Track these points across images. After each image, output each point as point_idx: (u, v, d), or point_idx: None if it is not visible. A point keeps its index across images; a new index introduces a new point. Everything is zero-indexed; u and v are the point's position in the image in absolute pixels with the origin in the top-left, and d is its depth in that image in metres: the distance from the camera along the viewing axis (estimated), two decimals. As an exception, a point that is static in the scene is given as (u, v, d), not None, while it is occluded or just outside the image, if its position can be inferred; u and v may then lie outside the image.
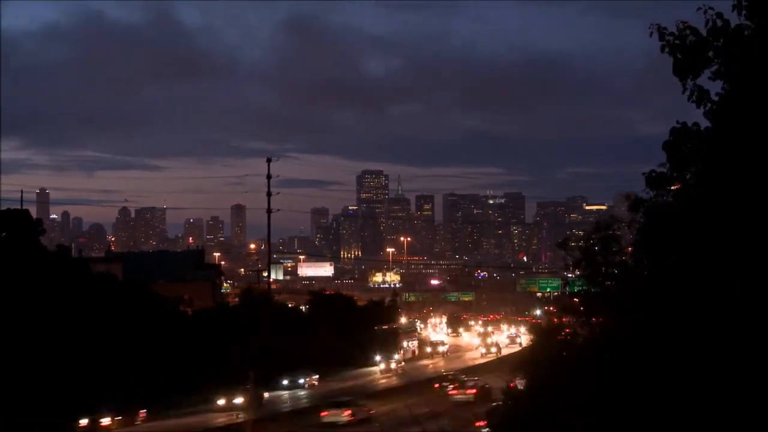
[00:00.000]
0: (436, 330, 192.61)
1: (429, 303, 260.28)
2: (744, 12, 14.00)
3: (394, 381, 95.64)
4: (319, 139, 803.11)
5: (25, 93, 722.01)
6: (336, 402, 68.36)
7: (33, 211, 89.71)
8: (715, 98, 14.55)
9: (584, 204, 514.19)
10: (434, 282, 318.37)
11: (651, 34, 14.40)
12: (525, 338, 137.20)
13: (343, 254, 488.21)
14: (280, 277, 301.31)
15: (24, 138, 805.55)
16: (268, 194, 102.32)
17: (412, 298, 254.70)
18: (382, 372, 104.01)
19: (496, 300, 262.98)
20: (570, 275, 33.41)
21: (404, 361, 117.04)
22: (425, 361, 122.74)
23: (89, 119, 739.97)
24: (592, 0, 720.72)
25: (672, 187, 16.79)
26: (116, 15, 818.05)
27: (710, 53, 14.22)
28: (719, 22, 14.00)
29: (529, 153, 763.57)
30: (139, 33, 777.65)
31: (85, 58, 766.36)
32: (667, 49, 14.42)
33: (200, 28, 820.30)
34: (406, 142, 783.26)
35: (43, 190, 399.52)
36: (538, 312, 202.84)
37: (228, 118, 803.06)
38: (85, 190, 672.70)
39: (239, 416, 65.45)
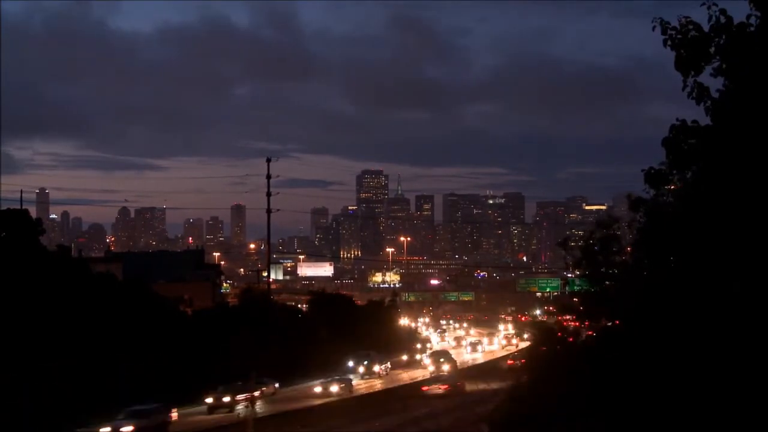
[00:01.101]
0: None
1: (429, 303, 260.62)
2: (751, 3, 13.96)
3: None
4: (336, 140, 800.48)
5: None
6: None
7: (33, 212, 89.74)
8: (715, 95, 14.53)
9: (584, 204, 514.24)
10: (434, 282, 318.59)
11: (654, 28, 14.38)
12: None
13: (343, 254, 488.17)
14: (280, 277, 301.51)
15: (30, 138, 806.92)
16: (268, 194, 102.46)
17: (412, 298, 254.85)
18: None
19: (495, 300, 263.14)
20: (570, 275, 33.40)
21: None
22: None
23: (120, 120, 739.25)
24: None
25: (671, 186, 16.78)
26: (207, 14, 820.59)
27: (712, 49, 14.20)
28: (722, 19, 13.98)
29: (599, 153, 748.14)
30: (233, 32, 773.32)
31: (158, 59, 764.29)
32: (669, 44, 14.40)
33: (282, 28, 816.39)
34: (414, 143, 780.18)
35: (42, 189, 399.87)
36: (537, 312, 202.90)
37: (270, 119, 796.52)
38: (86, 190, 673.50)
39: (240, 414, 65.42)
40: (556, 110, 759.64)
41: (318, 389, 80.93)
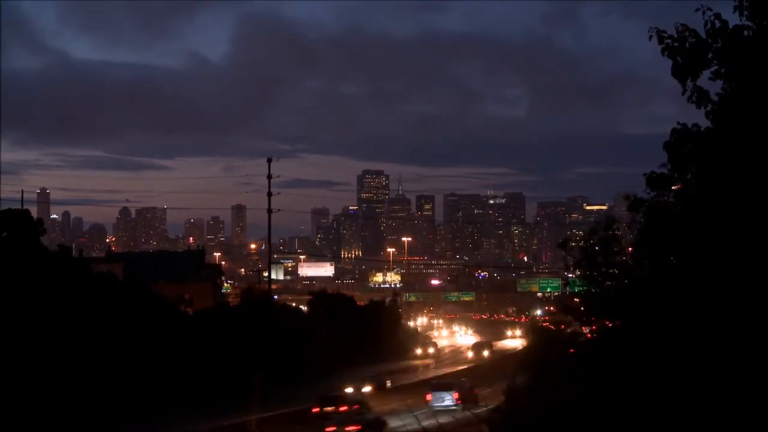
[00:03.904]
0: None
1: (429, 303, 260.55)
2: (745, 13, 13.97)
3: None
4: (337, 140, 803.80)
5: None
6: None
7: (34, 212, 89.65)
8: (715, 99, 14.54)
9: (585, 204, 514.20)
10: (435, 282, 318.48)
11: (650, 37, 14.38)
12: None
13: (344, 254, 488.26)
14: (281, 277, 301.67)
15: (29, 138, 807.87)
16: (269, 194, 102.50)
17: (413, 298, 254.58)
18: None
19: (496, 300, 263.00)
20: (570, 275, 33.38)
21: None
22: None
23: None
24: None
25: (672, 188, 16.80)
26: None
27: (709, 55, 14.20)
28: (717, 23, 13.98)
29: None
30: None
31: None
32: (666, 52, 14.39)
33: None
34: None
35: (43, 189, 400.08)
36: (538, 312, 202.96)
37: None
38: (90, 190, 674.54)
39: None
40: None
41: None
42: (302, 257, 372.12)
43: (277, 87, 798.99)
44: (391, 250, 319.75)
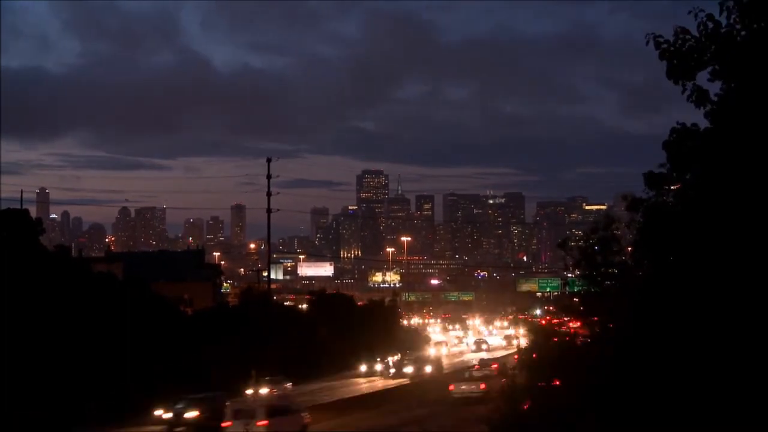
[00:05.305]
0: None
1: (429, 303, 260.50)
2: (733, 16, 13.96)
3: None
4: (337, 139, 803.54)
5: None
6: None
7: (33, 212, 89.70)
8: (715, 99, 14.56)
9: (584, 204, 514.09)
10: (434, 282, 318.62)
11: (647, 42, 14.39)
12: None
13: (343, 254, 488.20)
14: (280, 277, 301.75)
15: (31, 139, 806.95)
16: (268, 194, 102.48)
17: (412, 298, 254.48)
18: None
19: (495, 300, 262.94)
20: (570, 275, 33.36)
21: None
22: None
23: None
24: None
25: (672, 187, 16.81)
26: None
27: (706, 57, 14.21)
28: (710, 25, 13.97)
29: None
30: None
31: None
32: (664, 56, 14.40)
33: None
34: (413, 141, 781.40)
35: (43, 189, 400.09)
36: (538, 312, 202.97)
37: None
38: (89, 190, 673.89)
39: None
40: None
41: None
42: (302, 257, 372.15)
43: (375, 88, 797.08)
44: (390, 249, 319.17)
